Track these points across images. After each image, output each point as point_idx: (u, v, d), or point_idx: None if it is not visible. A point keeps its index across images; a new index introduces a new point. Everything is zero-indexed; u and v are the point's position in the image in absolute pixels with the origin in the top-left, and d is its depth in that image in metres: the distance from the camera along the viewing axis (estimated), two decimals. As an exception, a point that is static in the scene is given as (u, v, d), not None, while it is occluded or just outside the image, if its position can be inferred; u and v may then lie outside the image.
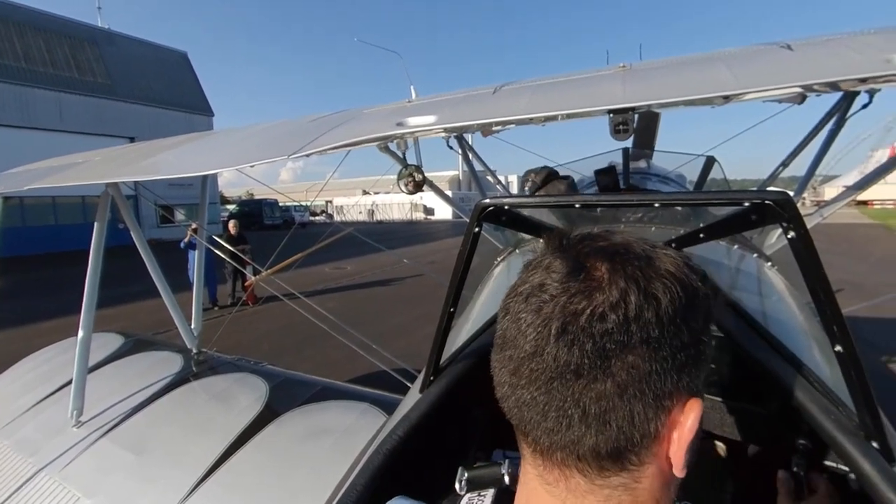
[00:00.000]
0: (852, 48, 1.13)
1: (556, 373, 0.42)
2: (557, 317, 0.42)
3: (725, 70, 1.16)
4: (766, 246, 2.07)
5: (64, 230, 22.17)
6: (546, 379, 0.43)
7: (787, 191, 1.26)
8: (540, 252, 0.50)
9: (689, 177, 3.05)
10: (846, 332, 0.81)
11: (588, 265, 0.44)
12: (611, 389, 0.42)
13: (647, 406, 0.43)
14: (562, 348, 0.42)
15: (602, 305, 0.41)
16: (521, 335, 0.44)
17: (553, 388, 0.43)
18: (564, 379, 0.42)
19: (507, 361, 0.46)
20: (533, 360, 0.43)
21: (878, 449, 0.86)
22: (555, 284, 0.44)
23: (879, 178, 2.26)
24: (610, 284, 0.42)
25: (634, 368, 0.42)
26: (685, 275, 0.45)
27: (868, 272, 11.09)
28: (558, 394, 0.43)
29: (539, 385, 0.43)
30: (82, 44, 24.78)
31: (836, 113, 2.47)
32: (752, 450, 1.40)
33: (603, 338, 0.41)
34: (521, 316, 0.45)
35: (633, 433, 0.43)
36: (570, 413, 0.43)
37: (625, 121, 1.08)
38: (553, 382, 0.43)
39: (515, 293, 0.47)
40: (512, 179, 41.28)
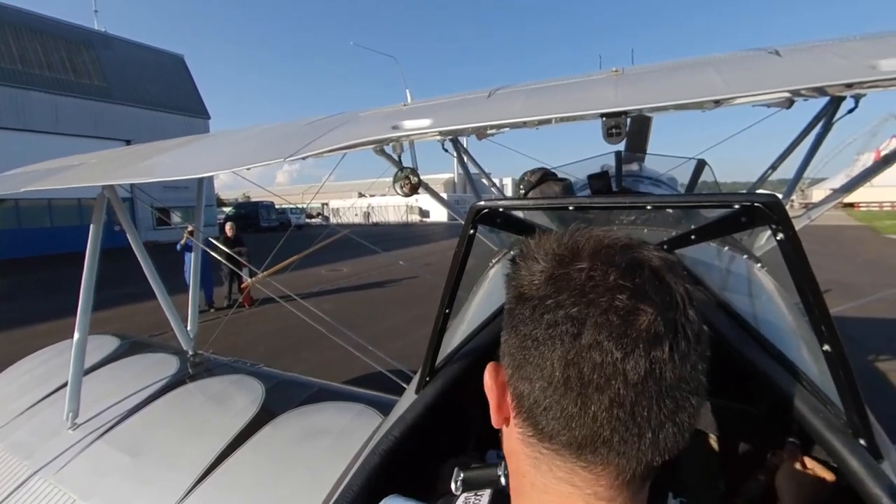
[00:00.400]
0: (838, 54, 1.15)
1: (670, 391, 0.42)
2: (662, 335, 0.42)
3: (716, 75, 1.17)
4: (756, 247, 2.09)
5: (60, 232, 21.98)
6: (656, 398, 0.42)
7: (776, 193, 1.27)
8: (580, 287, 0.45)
9: (681, 179, 3.07)
10: (834, 332, 0.82)
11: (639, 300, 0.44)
12: (695, 404, 0.44)
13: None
14: (673, 365, 0.42)
15: (684, 320, 0.43)
16: (620, 364, 0.41)
17: (663, 405, 0.42)
18: (676, 396, 0.42)
19: (592, 398, 0.42)
20: (642, 384, 0.41)
21: (866, 446, 0.87)
22: (652, 308, 0.42)
23: (865, 180, 2.28)
24: (685, 307, 0.44)
25: (702, 373, 0.44)
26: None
27: (855, 273, 11.21)
28: (665, 412, 0.42)
29: (647, 406, 0.42)
30: (78, 47, 24.59)
31: (824, 117, 2.49)
32: (743, 448, 1.41)
33: (697, 350, 0.43)
34: (609, 343, 0.41)
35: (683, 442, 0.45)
36: (670, 430, 0.43)
37: (617, 124, 1.09)
38: (665, 399, 0.42)
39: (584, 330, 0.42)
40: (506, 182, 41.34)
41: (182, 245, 8.54)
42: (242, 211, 36.08)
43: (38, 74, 22.37)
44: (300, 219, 33.04)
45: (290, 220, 32.70)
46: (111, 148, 3.49)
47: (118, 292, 9.82)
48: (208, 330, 4.07)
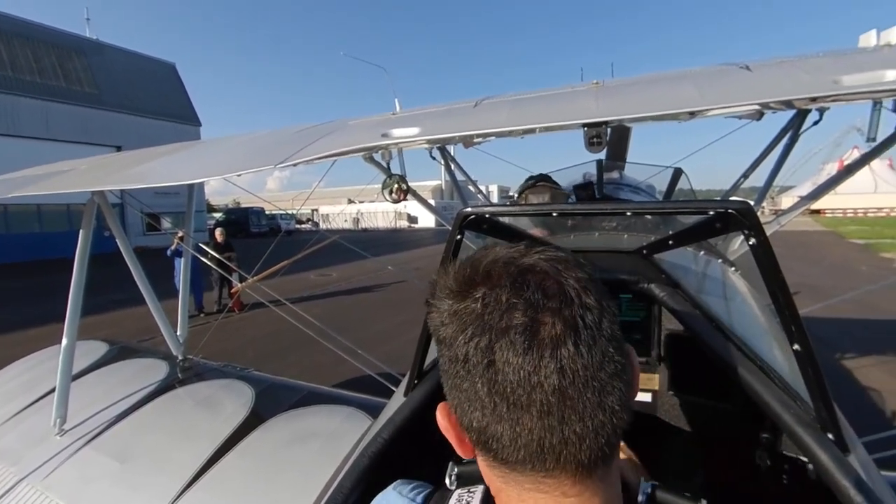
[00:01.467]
0: (803, 70, 1.18)
1: (588, 383, 0.42)
2: (562, 335, 0.42)
3: (691, 88, 1.20)
4: (730, 252, 2.12)
5: (49, 238, 21.41)
6: (577, 395, 0.42)
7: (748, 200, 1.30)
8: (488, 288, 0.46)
9: (659, 187, 3.11)
10: (803, 332, 0.84)
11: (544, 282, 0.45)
12: (620, 385, 0.44)
13: (628, 394, 0.46)
14: (581, 357, 0.42)
15: (581, 311, 0.43)
16: (535, 375, 0.42)
17: (586, 399, 0.43)
18: (594, 385, 0.43)
19: (522, 415, 0.43)
20: (560, 387, 0.42)
21: (833, 440, 0.89)
22: (549, 310, 0.43)
23: (830, 188, 2.35)
24: (576, 293, 0.44)
25: (617, 353, 0.45)
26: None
27: (822, 275, 11.47)
28: (591, 403, 0.43)
29: (572, 406, 0.42)
30: (70, 54, 24.09)
31: (791, 129, 2.56)
32: (720, 444, 1.43)
33: (604, 333, 0.44)
34: (518, 360, 0.42)
35: (622, 424, 0.45)
36: (585, 428, 0.43)
37: (598, 134, 1.10)
38: (586, 392, 0.42)
39: (500, 325, 0.43)
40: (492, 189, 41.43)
41: (172, 250, 8.39)
42: (233, 216, 35.59)
43: (29, 81, 21.85)
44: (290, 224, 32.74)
45: (280, 225, 32.38)
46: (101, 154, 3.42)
47: (107, 298, 9.60)
48: (198, 335, 4.00)
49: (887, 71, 1.00)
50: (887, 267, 13.81)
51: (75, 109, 23.35)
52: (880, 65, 1.06)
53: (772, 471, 1.13)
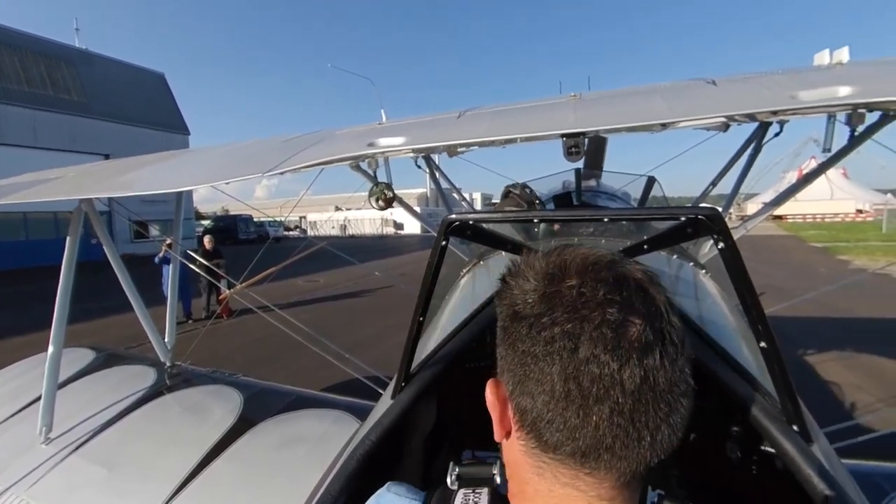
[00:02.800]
0: (765, 85, 1.22)
1: (663, 395, 0.43)
2: (652, 343, 0.42)
3: (662, 101, 1.23)
4: (700, 255, 2.17)
5: (35, 245, 20.69)
6: (652, 404, 0.42)
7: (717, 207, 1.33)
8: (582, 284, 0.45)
9: (634, 194, 3.16)
10: (769, 330, 0.86)
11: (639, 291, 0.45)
12: (687, 405, 0.45)
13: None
14: (665, 370, 0.42)
15: (669, 327, 0.44)
16: (617, 374, 0.41)
17: (658, 409, 0.43)
18: (669, 399, 0.43)
19: (593, 408, 0.42)
20: (639, 391, 0.42)
21: (798, 431, 0.91)
22: (638, 321, 0.43)
23: (791, 195, 2.42)
24: (661, 311, 0.45)
25: (690, 375, 0.46)
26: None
27: (785, 277, 11.80)
28: (661, 416, 0.43)
29: (644, 412, 0.42)
30: (58, 63, 23.45)
31: (754, 140, 2.63)
32: (693, 438, 1.45)
33: (683, 354, 0.44)
34: (605, 356, 0.42)
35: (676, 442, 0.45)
36: (665, 433, 0.43)
37: (576, 144, 1.11)
38: (660, 404, 0.43)
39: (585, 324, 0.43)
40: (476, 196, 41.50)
41: (160, 258, 8.19)
42: (221, 224, 34.91)
43: (17, 89, 21.16)
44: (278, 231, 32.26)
45: (269, 232, 31.90)
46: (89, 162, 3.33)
47: (94, 305, 9.32)
48: (186, 341, 3.90)
49: (840, 87, 1.04)
50: (843, 268, 14.28)
51: (63, 118, 22.71)
52: (833, 82, 1.10)
53: (742, 462, 1.15)
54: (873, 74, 1.29)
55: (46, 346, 2.16)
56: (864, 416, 4.27)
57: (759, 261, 14.88)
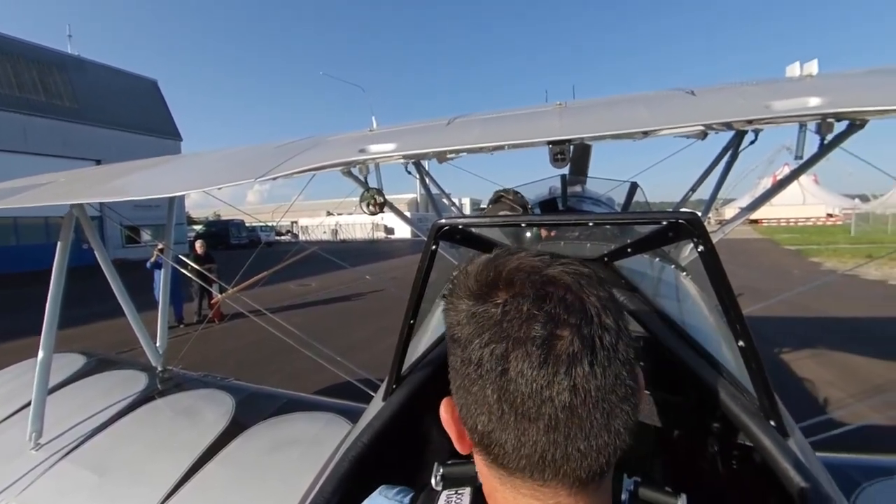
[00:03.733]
0: (740, 95, 1.25)
1: (598, 404, 0.41)
2: (580, 353, 0.40)
3: (644, 110, 1.25)
4: (681, 258, 2.19)
5: (26, 250, 20.16)
6: (586, 414, 0.41)
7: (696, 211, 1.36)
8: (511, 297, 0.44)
9: (617, 199, 3.20)
10: (747, 330, 0.87)
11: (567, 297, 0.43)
12: (628, 409, 0.43)
13: (633, 414, 0.44)
14: (595, 378, 0.41)
15: (600, 331, 0.42)
16: (546, 391, 0.40)
17: (594, 419, 0.41)
18: (604, 407, 0.41)
19: (529, 426, 0.42)
20: (570, 404, 0.41)
21: (775, 426, 0.93)
22: (566, 332, 0.41)
23: (766, 200, 2.48)
24: (591, 317, 0.42)
25: (629, 377, 0.43)
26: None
27: (761, 278, 11.99)
28: (597, 424, 0.41)
29: (579, 424, 0.41)
30: (51, 69, 22.96)
31: (731, 148, 2.68)
32: (677, 434, 1.46)
33: (619, 356, 0.42)
34: (532, 373, 0.41)
35: (624, 442, 0.44)
36: (593, 447, 0.42)
37: (562, 151, 1.13)
38: (595, 413, 0.41)
39: (514, 338, 0.42)
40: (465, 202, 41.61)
41: (152, 263, 8.04)
42: (213, 229, 34.40)
43: (8, 94, 20.65)
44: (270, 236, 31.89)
45: (260, 237, 31.54)
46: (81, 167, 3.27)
47: (85, 310, 9.09)
48: (178, 345, 3.83)
49: (810, 98, 1.07)
50: (815, 270, 14.60)
51: (55, 123, 22.23)
52: (804, 92, 1.13)
53: (722, 457, 1.16)
54: (841, 86, 1.33)
55: (37, 352, 2.11)
56: (837, 410, 4.35)
57: (736, 263, 15.12)
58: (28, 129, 21.17)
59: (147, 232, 16.83)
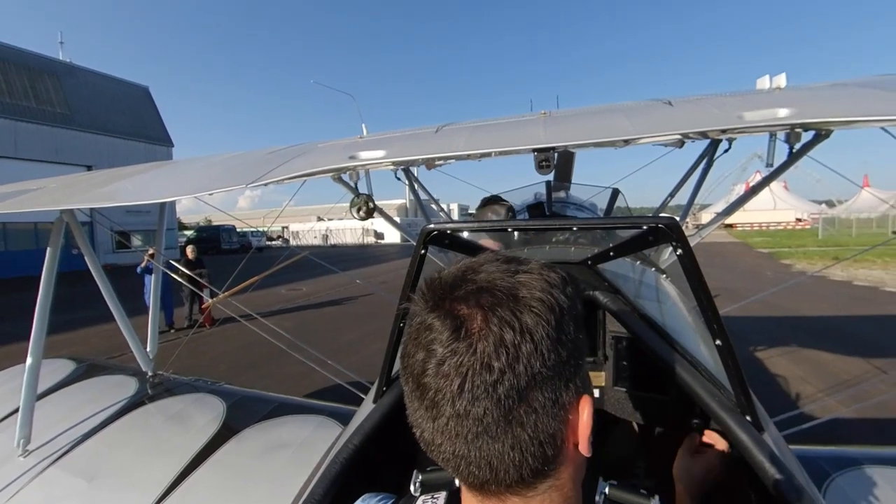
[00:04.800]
0: (715, 106, 1.28)
1: (473, 431, 0.42)
2: (456, 378, 0.41)
3: (624, 120, 1.27)
4: (661, 261, 2.22)
5: (15, 256, 19.63)
6: (466, 436, 0.42)
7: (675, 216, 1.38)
8: (419, 308, 0.46)
9: (600, 205, 3.23)
10: (723, 329, 0.89)
11: (464, 317, 0.42)
12: (520, 433, 0.42)
13: (550, 426, 0.43)
14: (471, 406, 0.41)
15: (486, 356, 0.40)
16: (437, 397, 0.42)
17: (472, 442, 0.42)
18: (480, 434, 0.42)
19: (429, 420, 0.44)
20: (452, 419, 0.42)
21: (751, 421, 0.94)
22: (442, 349, 0.42)
23: (740, 206, 2.53)
24: (487, 333, 0.41)
25: (532, 405, 0.42)
26: (550, 295, 0.44)
27: (736, 279, 12.24)
28: (477, 448, 0.42)
29: (461, 441, 0.43)
30: (42, 75, 22.47)
31: (707, 156, 2.74)
32: (658, 431, 1.48)
33: (497, 388, 0.40)
34: (428, 381, 0.43)
35: (546, 452, 0.44)
36: (493, 462, 0.43)
37: (547, 158, 1.13)
38: (473, 438, 0.42)
39: (413, 358, 0.45)
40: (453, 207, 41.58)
41: (142, 268, 7.87)
42: (204, 234, 33.84)
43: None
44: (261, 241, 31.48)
45: (251, 242, 31.12)
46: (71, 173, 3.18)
47: (75, 315, 8.87)
48: (168, 350, 3.75)
49: (779, 109, 1.09)
50: (787, 271, 14.94)
51: (45, 129, 21.74)
52: (774, 104, 1.16)
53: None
54: (808, 98, 1.37)
55: (25, 357, 2.04)
56: (808, 405, 4.45)
57: (713, 265, 15.39)
58: (18, 135, 20.69)
59: (138, 237, 16.48)
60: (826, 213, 37.51)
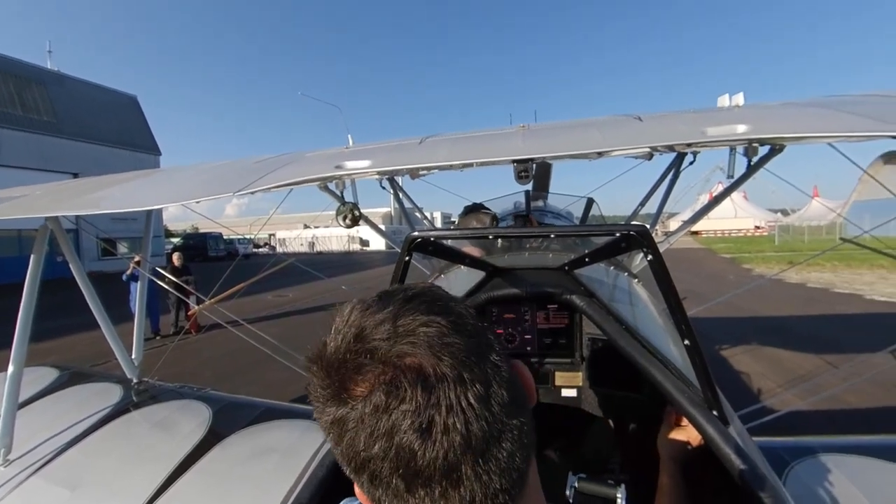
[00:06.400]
0: (681, 122, 1.32)
1: (484, 441, 0.38)
2: (452, 416, 0.38)
3: (598, 133, 1.30)
4: (633, 266, 2.26)
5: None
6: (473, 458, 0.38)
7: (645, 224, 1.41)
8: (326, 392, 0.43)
9: (576, 213, 3.28)
10: (691, 330, 0.91)
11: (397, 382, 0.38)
12: (515, 422, 0.41)
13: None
14: (471, 425, 0.38)
15: (461, 389, 0.38)
16: (421, 454, 0.37)
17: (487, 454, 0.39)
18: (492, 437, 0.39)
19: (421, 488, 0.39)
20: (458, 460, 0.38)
21: (717, 416, 0.97)
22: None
23: (704, 214, 2.61)
24: (420, 402, 0.37)
25: (498, 401, 0.40)
26: (449, 343, 0.40)
27: (702, 283, 12.56)
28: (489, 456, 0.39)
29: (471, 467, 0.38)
30: (29, 83, 21.63)
31: (673, 167, 2.82)
32: (632, 427, 1.50)
33: (485, 401, 0.39)
34: (424, 455, 0.37)
35: (514, 483, 0.40)
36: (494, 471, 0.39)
37: (526, 169, 1.15)
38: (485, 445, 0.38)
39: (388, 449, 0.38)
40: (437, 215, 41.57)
41: (128, 275, 7.60)
42: (191, 241, 32.94)
43: (-17, 108, 19.34)
44: (247, 248, 30.77)
45: (238, 249, 30.41)
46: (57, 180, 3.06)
47: (59, 323, 8.47)
48: (154, 357, 3.62)
49: (738, 126, 1.14)
50: (747, 275, 15.42)
51: (31, 137, 20.88)
52: (734, 120, 1.20)
53: None
54: (764, 115, 1.43)
55: (6, 365, 1.94)
56: (769, 399, 4.57)
57: (681, 270, 15.74)
58: (4, 143, 19.82)
59: (124, 244, 15.92)
60: (781, 221, 39.03)
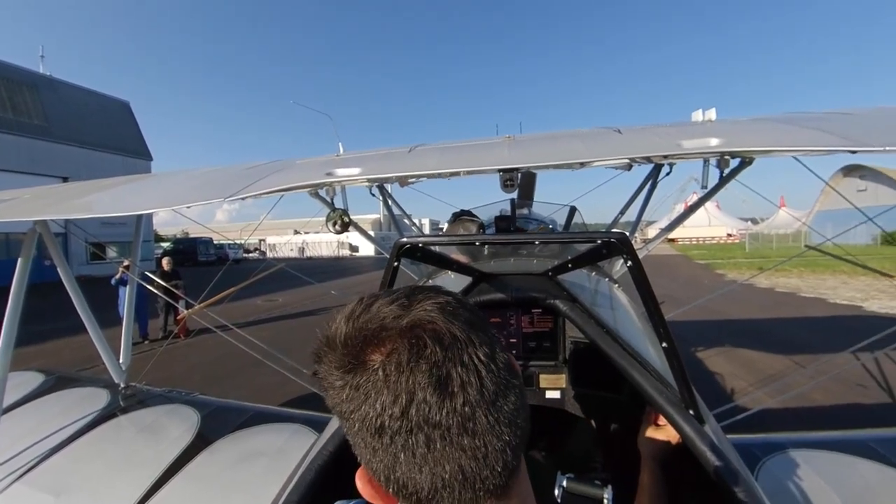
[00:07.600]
0: (657, 135, 1.35)
1: (490, 411, 0.39)
2: (467, 381, 0.39)
3: (580, 145, 1.32)
4: (614, 272, 2.29)
5: (-16, 267, 17.92)
6: (483, 427, 0.39)
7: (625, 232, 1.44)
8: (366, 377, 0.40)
9: (559, 221, 3.31)
10: (669, 333, 0.93)
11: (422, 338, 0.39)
12: (514, 398, 0.41)
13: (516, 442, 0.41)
14: (487, 388, 0.39)
15: (474, 349, 0.39)
16: (445, 419, 0.38)
17: (492, 425, 0.39)
18: (496, 412, 0.39)
19: (447, 462, 0.39)
20: (469, 424, 0.38)
21: (693, 415, 0.98)
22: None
23: (680, 222, 2.67)
24: (453, 368, 0.38)
25: (507, 372, 0.42)
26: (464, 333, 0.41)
27: (679, 288, 12.80)
28: (496, 430, 0.39)
29: (481, 437, 0.39)
30: (20, 87, 21.00)
31: (651, 178, 2.87)
32: (614, 427, 1.51)
33: (492, 364, 0.40)
34: (437, 416, 0.38)
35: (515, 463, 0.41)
36: (500, 444, 0.40)
37: (511, 177, 1.16)
38: (490, 418, 0.39)
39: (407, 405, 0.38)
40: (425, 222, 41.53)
41: (116, 279, 7.38)
42: (181, 246, 32.14)
43: (-26, 112, 18.66)
44: (237, 253, 30.21)
45: (228, 254, 29.84)
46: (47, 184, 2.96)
47: (45, 327, 8.19)
48: (142, 362, 3.52)
49: (711, 139, 1.17)
50: (720, 280, 15.76)
51: (21, 140, 20.23)
52: (707, 134, 1.24)
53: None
54: (735, 130, 1.47)
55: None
56: (741, 398, 4.66)
57: (658, 275, 16.00)
58: (-7, 146, 19.16)
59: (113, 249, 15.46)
60: (751, 230, 40.19)
